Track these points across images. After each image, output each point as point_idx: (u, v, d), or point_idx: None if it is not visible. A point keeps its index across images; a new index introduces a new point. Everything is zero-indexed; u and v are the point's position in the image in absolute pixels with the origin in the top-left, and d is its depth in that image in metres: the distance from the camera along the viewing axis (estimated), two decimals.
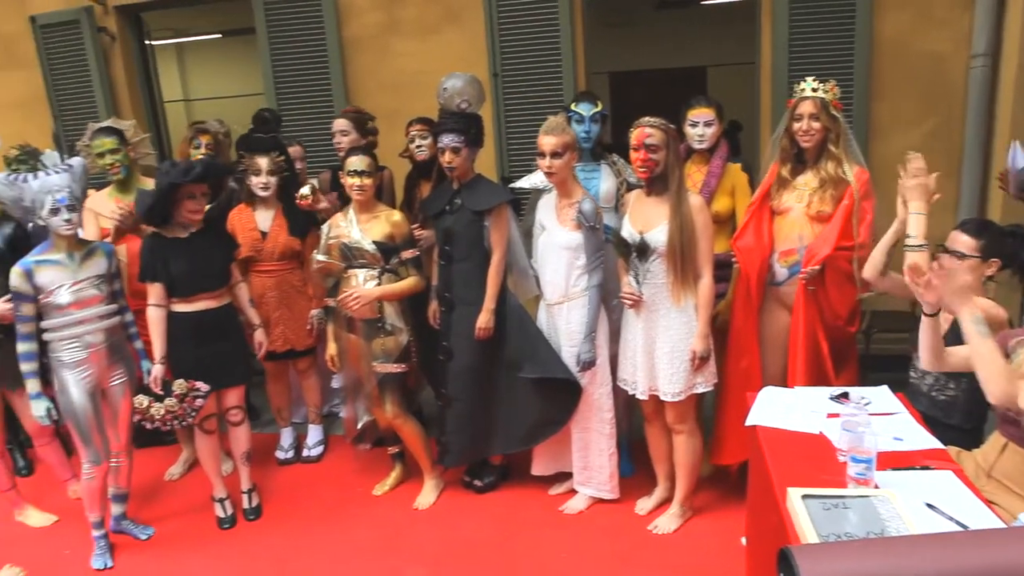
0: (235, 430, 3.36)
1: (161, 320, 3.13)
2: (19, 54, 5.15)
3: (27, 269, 2.93)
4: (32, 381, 3.00)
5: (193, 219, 3.11)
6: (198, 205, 3.10)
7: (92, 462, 3.07)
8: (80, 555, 3.19)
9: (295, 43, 4.58)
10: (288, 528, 3.31)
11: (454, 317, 3.22)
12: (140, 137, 3.96)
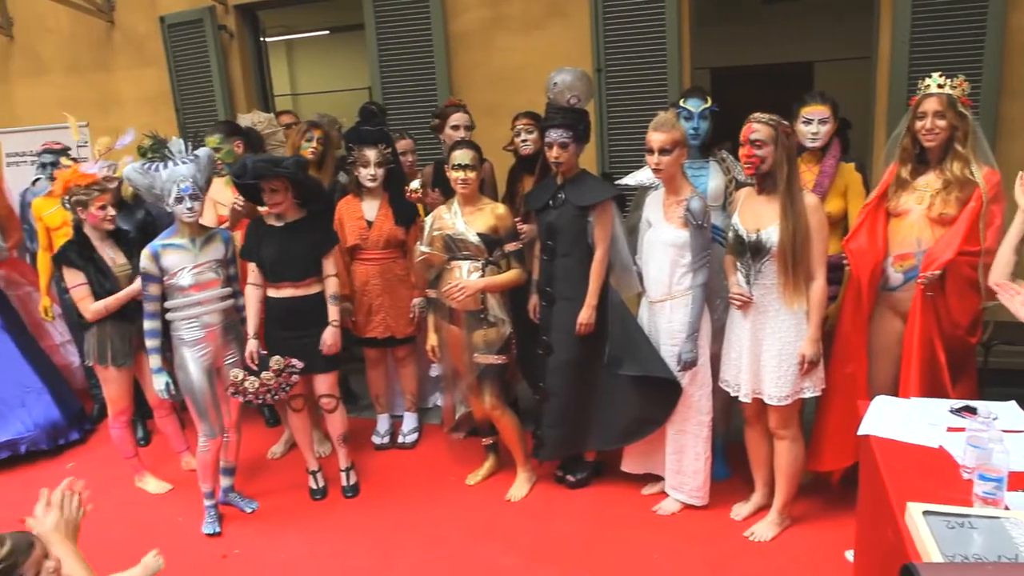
0: (330, 416, 3.48)
1: (256, 299, 3.30)
2: (149, 53, 5.49)
3: (155, 252, 3.13)
4: (155, 357, 3.22)
5: (278, 209, 3.24)
6: (273, 199, 3.22)
7: (207, 436, 3.25)
8: (191, 522, 3.38)
9: (402, 39, 4.69)
10: (383, 509, 3.40)
11: (554, 312, 3.23)
12: (273, 129, 4.16)
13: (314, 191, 3.37)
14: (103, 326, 3.45)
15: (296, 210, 3.29)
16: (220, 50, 5.22)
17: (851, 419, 2.75)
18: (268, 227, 3.28)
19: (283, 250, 3.23)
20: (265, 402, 3.29)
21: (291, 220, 3.28)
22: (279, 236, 3.25)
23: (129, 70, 5.66)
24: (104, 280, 3.41)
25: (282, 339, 3.28)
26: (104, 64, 5.75)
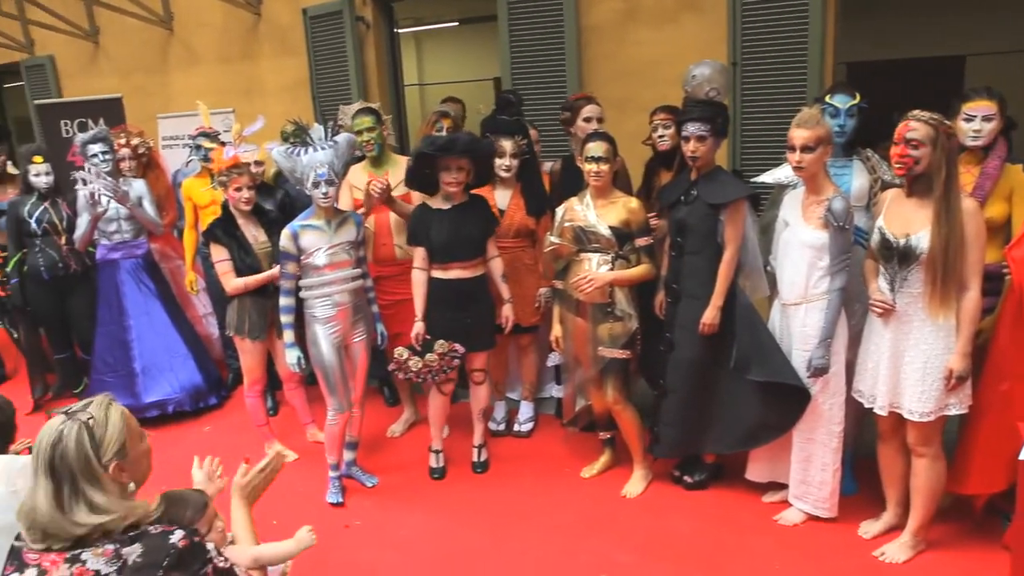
0: (477, 389, 3.62)
1: (422, 283, 3.43)
2: (291, 43, 5.78)
3: (294, 232, 3.30)
4: (288, 332, 3.39)
5: (449, 191, 3.34)
6: (453, 177, 3.31)
7: (336, 410, 3.40)
8: (316, 491, 3.55)
9: (534, 30, 4.71)
10: (499, 494, 3.46)
11: (679, 309, 3.17)
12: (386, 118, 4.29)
13: (486, 174, 3.49)
14: (243, 301, 3.66)
15: (461, 194, 3.39)
16: (356, 40, 5.42)
17: (1004, 441, 2.58)
18: (435, 210, 3.39)
19: (453, 232, 3.34)
20: (425, 381, 3.45)
21: (457, 203, 3.39)
22: (448, 218, 3.36)
23: (272, 59, 5.98)
24: (246, 256, 3.62)
25: (448, 319, 3.41)
26: (250, 54, 6.10)
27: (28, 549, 1.54)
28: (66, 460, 1.52)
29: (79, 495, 1.53)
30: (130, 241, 4.44)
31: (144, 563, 1.50)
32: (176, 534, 1.56)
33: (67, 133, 5.90)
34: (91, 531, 1.52)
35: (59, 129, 5.91)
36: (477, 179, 3.46)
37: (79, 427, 1.57)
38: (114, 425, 1.62)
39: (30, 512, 1.51)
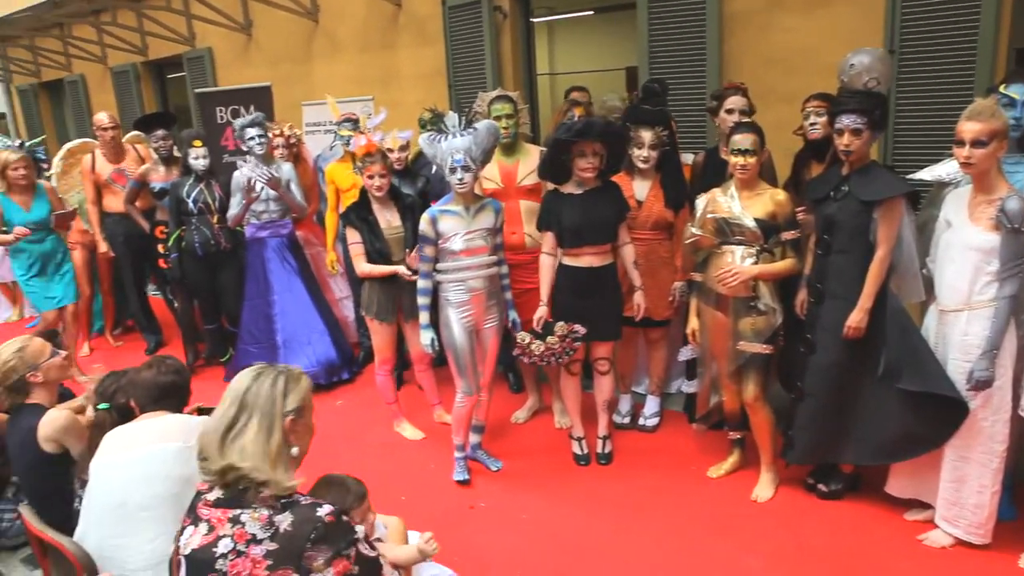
0: (601, 379, 3.60)
1: (550, 268, 3.46)
2: (429, 33, 5.92)
3: (433, 216, 3.38)
4: (424, 313, 3.48)
5: (583, 176, 3.32)
6: (587, 163, 3.30)
7: (465, 392, 3.48)
8: (442, 470, 3.65)
9: (675, 18, 4.60)
10: (623, 487, 3.43)
11: (822, 310, 3.02)
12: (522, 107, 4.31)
13: (619, 160, 3.46)
14: (373, 284, 3.79)
15: (594, 179, 3.39)
16: (493, 30, 5.48)
17: None
18: (567, 195, 3.41)
19: (585, 217, 3.34)
20: (549, 364, 3.49)
21: (589, 188, 3.39)
22: (581, 203, 3.36)
23: (410, 49, 6.15)
24: (375, 240, 3.73)
25: (574, 306, 3.41)
26: (389, 44, 6.30)
27: (203, 503, 1.66)
28: (257, 396, 1.66)
29: (243, 433, 1.64)
30: (277, 221, 4.71)
31: (293, 532, 1.58)
32: (324, 508, 1.63)
33: (221, 119, 6.29)
34: (223, 471, 1.62)
35: (215, 115, 6.31)
36: (610, 165, 3.42)
37: (277, 374, 1.72)
38: (303, 386, 1.76)
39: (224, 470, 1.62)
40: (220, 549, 1.57)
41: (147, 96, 9.26)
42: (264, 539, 1.56)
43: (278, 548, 1.55)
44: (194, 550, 1.61)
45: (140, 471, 2.12)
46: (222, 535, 1.58)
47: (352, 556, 1.60)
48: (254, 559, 1.55)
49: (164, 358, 2.46)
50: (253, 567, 1.54)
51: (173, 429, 2.20)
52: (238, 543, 1.57)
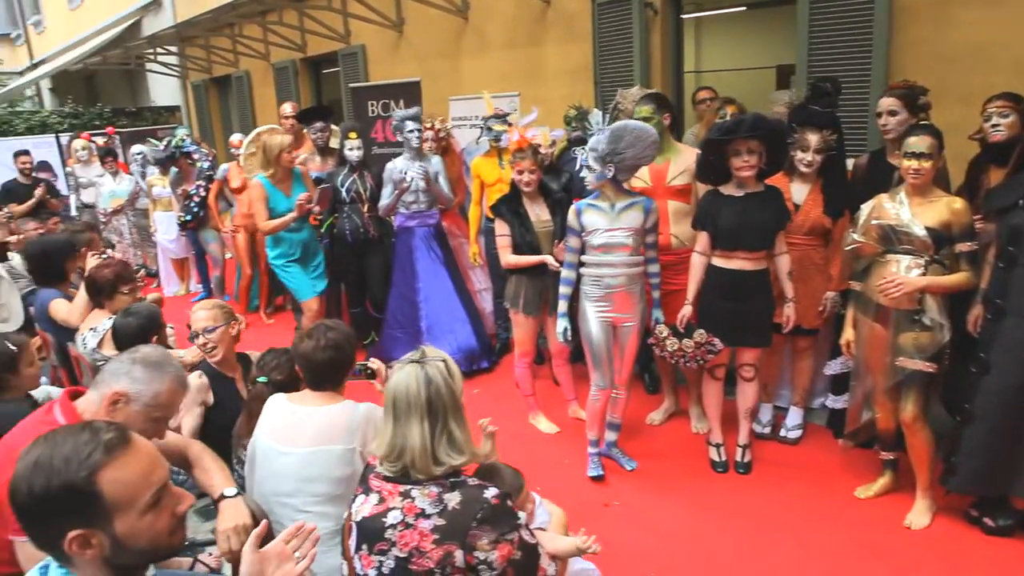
0: (745, 385, 3.51)
1: (700, 267, 3.41)
2: (577, 29, 5.94)
3: (579, 209, 3.40)
4: (563, 302, 3.52)
5: (741, 176, 3.24)
6: (743, 162, 3.20)
7: (599, 386, 3.48)
8: (576, 466, 3.67)
9: (839, 12, 4.37)
10: (761, 499, 3.32)
11: (1002, 328, 2.78)
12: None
13: (780, 158, 3.34)
14: (520, 277, 3.86)
15: (755, 182, 3.30)
16: (643, 26, 5.42)
17: None
18: (727, 197, 3.34)
19: (742, 220, 3.26)
20: (676, 364, 3.46)
21: (750, 191, 3.30)
22: (739, 206, 3.28)
23: (557, 45, 6.19)
24: (526, 233, 3.80)
25: (721, 309, 3.35)
26: (536, 40, 6.37)
27: (375, 475, 1.76)
28: (441, 398, 1.72)
29: (445, 432, 1.71)
30: (424, 211, 4.88)
31: (460, 511, 1.64)
32: (491, 491, 1.68)
33: (372, 112, 6.60)
34: (446, 471, 1.69)
35: (366, 108, 6.63)
36: (771, 163, 3.29)
37: (439, 367, 1.76)
38: (457, 370, 1.81)
39: (400, 451, 1.70)
40: (389, 520, 1.66)
41: (303, 90, 9.83)
42: (433, 514, 1.64)
43: (445, 524, 1.62)
44: (365, 518, 1.70)
45: (304, 472, 2.18)
46: (392, 507, 1.67)
47: (515, 541, 1.65)
48: (421, 532, 1.62)
49: (328, 327, 2.37)
50: (420, 539, 1.62)
51: (338, 429, 2.21)
52: (407, 516, 1.65)
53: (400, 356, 1.88)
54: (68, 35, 15.52)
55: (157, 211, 7.39)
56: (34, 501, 1.22)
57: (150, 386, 1.88)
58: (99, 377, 1.91)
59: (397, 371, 1.78)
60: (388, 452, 1.74)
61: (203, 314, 2.90)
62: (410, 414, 1.71)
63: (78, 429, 1.28)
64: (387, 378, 2.13)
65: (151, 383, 1.88)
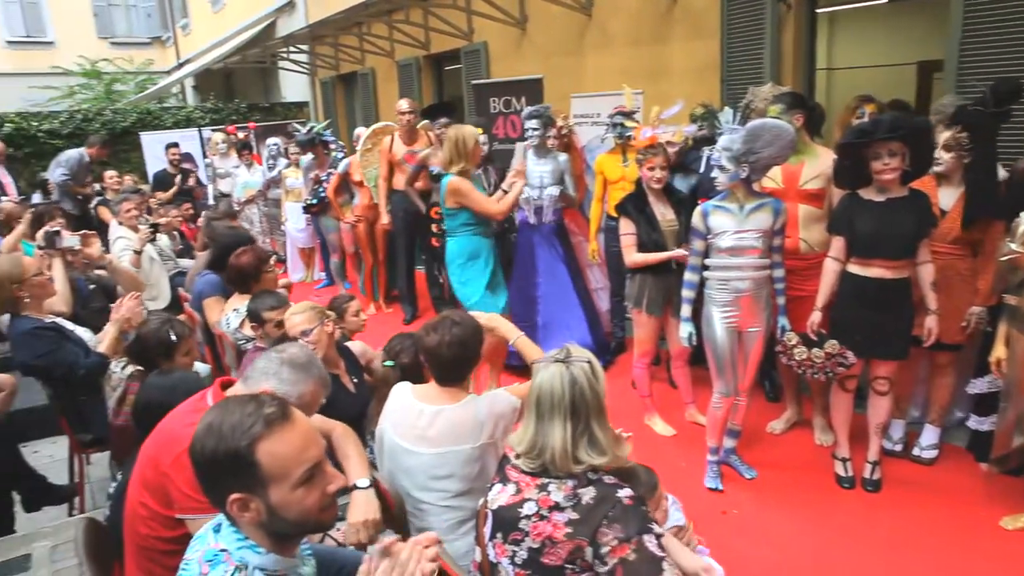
0: (878, 399, 3.35)
1: (833, 273, 3.27)
2: (705, 25, 5.79)
3: (705, 211, 3.33)
4: (686, 306, 3.46)
5: (883, 180, 3.08)
6: (883, 164, 3.04)
7: (722, 393, 3.40)
8: (693, 471, 3.60)
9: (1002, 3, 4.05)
10: (891, 519, 3.15)
11: None
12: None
13: (925, 160, 3.15)
14: (644, 276, 3.81)
15: (898, 186, 3.13)
16: (776, 21, 5.22)
17: None
18: (866, 201, 3.18)
19: (882, 225, 3.10)
20: (804, 374, 3.34)
21: (893, 195, 3.12)
22: (879, 211, 3.12)
23: (683, 42, 6.06)
24: (652, 232, 3.75)
25: (855, 319, 3.21)
26: (661, 37, 6.26)
27: (512, 466, 1.79)
28: (585, 399, 1.73)
29: (586, 433, 1.72)
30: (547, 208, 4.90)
31: (593, 507, 1.64)
32: (625, 490, 1.68)
33: (494, 109, 6.69)
34: (585, 469, 1.70)
35: (488, 105, 6.73)
36: (915, 166, 3.10)
37: (584, 368, 1.76)
38: (601, 371, 1.81)
39: (540, 449, 1.72)
40: (524, 511, 1.68)
41: (426, 87, 10.08)
42: (567, 508, 1.65)
43: (578, 518, 1.63)
44: (501, 506, 1.74)
45: (433, 471, 2.22)
46: (527, 498, 1.70)
47: (636, 544, 1.61)
48: (555, 524, 1.64)
49: (453, 322, 2.33)
50: (553, 531, 1.64)
51: (464, 429, 2.23)
52: (542, 507, 1.67)
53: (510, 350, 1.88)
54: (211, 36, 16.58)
55: (288, 201, 7.79)
56: (205, 461, 1.33)
57: (295, 387, 1.94)
58: (248, 373, 2.01)
59: (542, 369, 1.79)
60: (528, 449, 1.75)
61: (298, 318, 2.92)
62: (553, 414, 1.72)
63: (246, 400, 1.38)
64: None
65: (296, 384, 1.95)
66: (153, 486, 1.85)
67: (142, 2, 22.48)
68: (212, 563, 1.33)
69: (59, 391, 3.37)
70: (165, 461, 1.82)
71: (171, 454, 1.80)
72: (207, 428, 1.34)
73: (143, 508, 1.87)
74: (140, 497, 1.89)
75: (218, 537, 1.37)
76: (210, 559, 1.34)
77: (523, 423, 1.82)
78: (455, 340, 2.28)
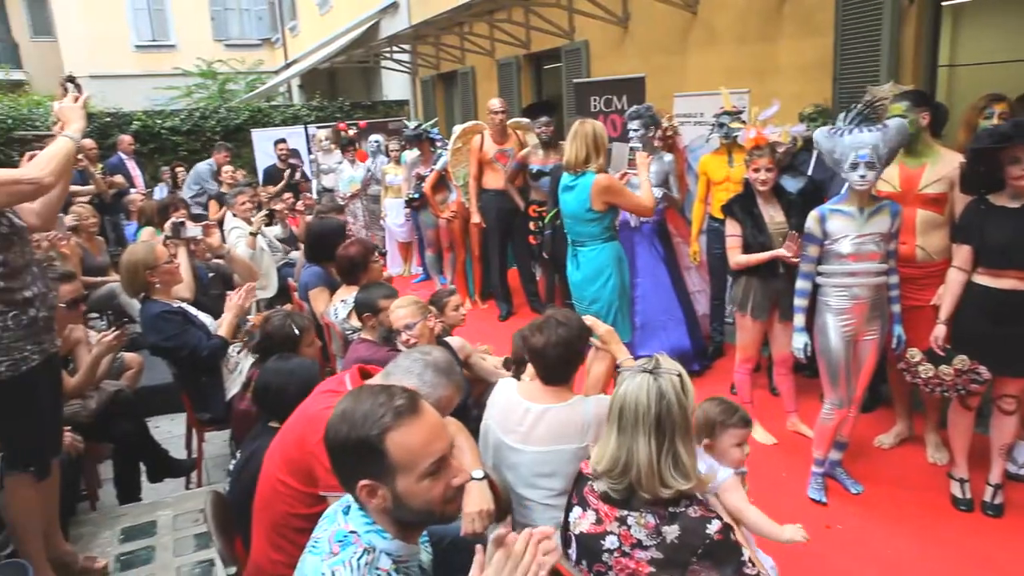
0: (1003, 419, 3.15)
1: (958, 284, 3.10)
2: (817, 22, 5.58)
3: (822, 215, 3.21)
4: (799, 316, 3.35)
5: (1019, 185, 2.89)
6: (1022, 170, 2.85)
7: (834, 404, 3.28)
8: (794, 482, 3.48)
9: None
10: (1015, 549, 2.95)
11: None
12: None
13: None
14: (750, 279, 3.71)
15: None
16: (896, 16, 4.99)
17: None
18: (998, 208, 3.00)
19: (1017, 235, 2.92)
20: (932, 393, 3.17)
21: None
22: (1015, 219, 2.94)
23: (793, 39, 5.86)
24: (759, 234, 3.65)
25: (983, 334, 3.03)
26: (768, 35, 6.08)
27: (589, 489, 1.75)
28: (672, 415, 1.66)
29: (671, 452, 1.65)
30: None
31: (680, 544, 1.59)
32: (714, 524, 1.61)
33: (594, 108, 6.66)
34: (672, 496, 1.64)
35: (588, 104, 6.71)
36: None
37: (673, 381, 1.69)
38: (691, 386, 1.75)
39: (625, 467, 1.67)
40: (607, 544, 1.66)
41: (525, 86, 10.15)
42: (650, 546, 1.61)
43: (663, 558, 1.59)
44: (584, 533, 1.72)
45: (538, 469, 2.24)
46: (609, 531, 1.67)
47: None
48: (638, 562, 1.61)
49: (559, 322, 2.32)
50: (636, 567, 1.61)
51: (571, 429, 2.23)
52: (623, 543, 1.64)
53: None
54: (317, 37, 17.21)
55: (388, 198, 8.00)
56: (337, 446, 1.39)
57: (435, 390, 2.00)
58: (390, 369, 2.08)
59: (628, 379, 1.73)
60: (611, 466, 1.69)
61: (402, 312, 3.02)
62: (637, 428, 1.66)
63: (378, 390, 1.43)
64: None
65: (436, 387, 2.01)
66: (297, 465, 1.95)
67: (254, 6, 23.61)
68: (342, 544, 1.39)
69: (183, 371, 3.60)
70: (311, 440, 1.91)
71: (317, 433, 1.89)
72: (341, 415, 1.40)
73: (283, 486, 1.97)
74: (280, 475, 1.99)
75: (347, 519, 1.43)
76: (340, 540, 1.40)
77: (602, 437, 1.77)
78: (560, 341, 2.28)
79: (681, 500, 1.66)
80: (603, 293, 3.95)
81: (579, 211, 3.94)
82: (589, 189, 3.84)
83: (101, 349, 3.35)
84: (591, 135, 3.85)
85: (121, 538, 3.21)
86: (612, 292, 3.96)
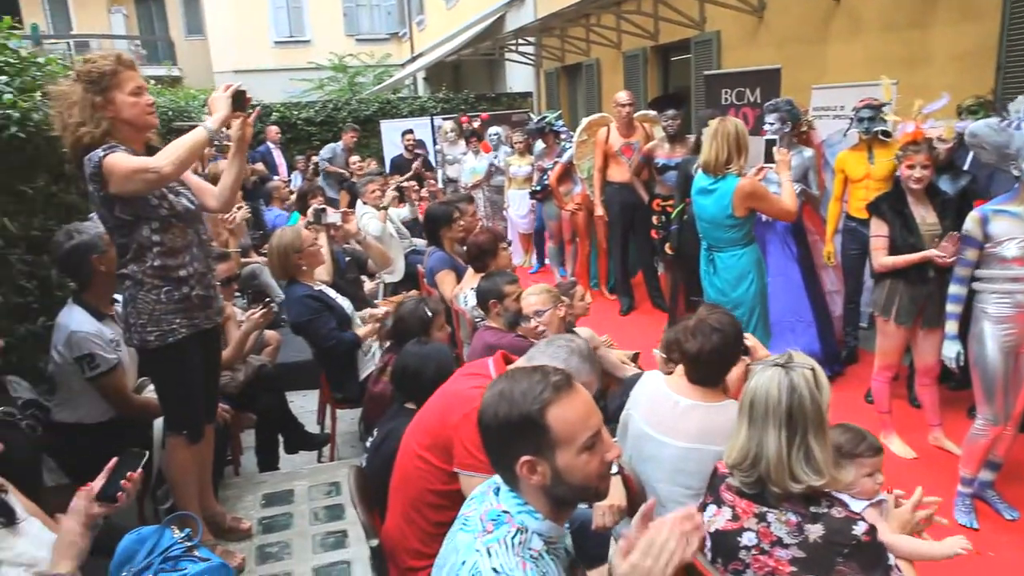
0: None
1: None
2: (976, 5, 5.16)
3: (984, 216, 2.98)
4: (952, 323, 3.13)
5: None
6: None
7: (989, 420, 3.05)
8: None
9: None
10: None
11: None
12: None
13: None
14: (896, 281, 3.50)
15: None
16: None
17: None
18: None
19: None
20: None
21: None
22: None
23: (947, 26, 5.45)
24: (909, 236, 3.43)
25: None
26: (920, 22, 5.68)
27: (726, 487, 1.72)
28: (804, 409, 1.63)
29: (803, 447, 1.63)
30: None
31: (823, 544, 1.54)
32: (860, 525, 1.55)
33: (725, 100, 6.46)
34: (804, 491, 1.60)
35: (720, 96, 6.51)
36: None
37: (806, 375, 1.66)
38: (825, 381, 1.70)
39: (755, 459, 1.65)
40: (744, 541, 1.62)
41: (651, 78, 9.98)
42: (791, 545, 1.56)
43: (806, 557, 1.54)
44: (719, 530, 1.68)
45: (680, 465, 2.21)
46: (747, 527, 1.63)
47: None
48: (778, 560, 1.56)
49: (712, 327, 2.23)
50: (776, 566, 1.56)
51: (720, 430, 2.15)
52: (762, 541, 1.59)
53: None
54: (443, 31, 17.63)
55: (511, 189, 8.09)
56: (497, 425, 1.41)
57: (579, 376, 1.99)
58: (532, 353, 2.13)
59: (759, 372, 1.72)
60: (740, 459, 1.68)
61: (534, 299, 3.08)
62: (767, 421, 1.64)
63: (531, 370, 1.46)
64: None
65: (580, 374, 2.03)
66: (437, 442, 2.03)
67: (384, 1, 24.47)
68: (496, 522, 1.42)
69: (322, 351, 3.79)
70: (453, 418, 2.00)
71: (459, 412, 1.97)
72: (498, 394, 1.42)
73: (423, 462, 2.05)
74: (420, 451, 2.07)
75: (499, 499, 1.47)
76: (494, 518, 1.43)
77: (735, 430, 1.75)
78: (715, 348, 2.23)
79: (822, 500, 1.63)
80: (746, 298, 3.81)
81: (719, 216, 3.76)
82: (731, 195, 3.65)
83: (250, 325, 3.57)
84: (733, 135, 3.65)
85: (263, 503, 3.43)
86: (754, 297, 3.83)
